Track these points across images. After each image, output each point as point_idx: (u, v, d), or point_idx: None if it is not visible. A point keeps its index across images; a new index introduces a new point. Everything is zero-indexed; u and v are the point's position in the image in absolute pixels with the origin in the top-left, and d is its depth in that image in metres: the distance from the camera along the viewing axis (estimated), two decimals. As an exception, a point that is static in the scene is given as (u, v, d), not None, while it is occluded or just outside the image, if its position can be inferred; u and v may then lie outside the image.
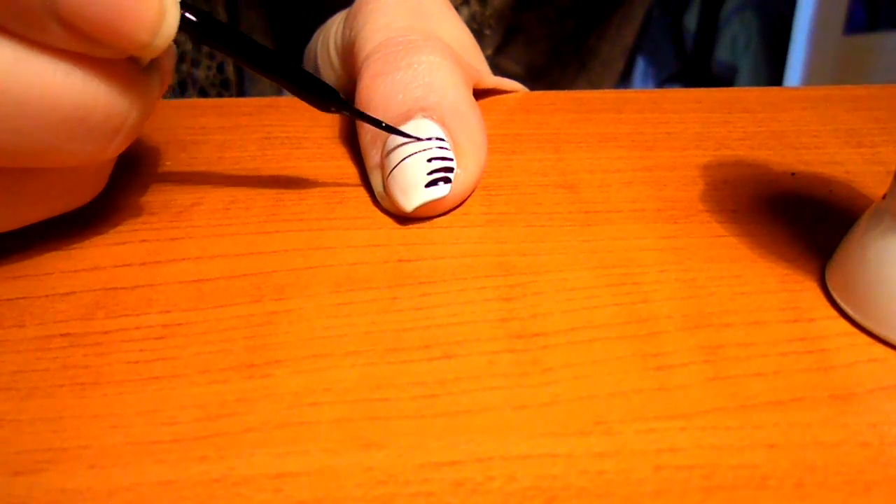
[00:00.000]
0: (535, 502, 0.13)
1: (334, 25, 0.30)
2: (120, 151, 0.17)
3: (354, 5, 0.26)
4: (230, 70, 0.41)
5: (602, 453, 0.13)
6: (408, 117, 0.21)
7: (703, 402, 0.15)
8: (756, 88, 0.29)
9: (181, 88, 0.39)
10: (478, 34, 0.40)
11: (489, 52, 0.41)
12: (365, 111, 0.21)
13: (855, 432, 0.14)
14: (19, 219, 0.18)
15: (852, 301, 0.17)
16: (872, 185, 0.22)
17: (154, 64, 0.17)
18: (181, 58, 0.39)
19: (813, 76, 1.11)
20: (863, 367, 0.15)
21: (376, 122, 0.20)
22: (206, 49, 0.40)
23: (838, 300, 0.17)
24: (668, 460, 0.13)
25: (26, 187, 0.17)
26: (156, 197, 0.22)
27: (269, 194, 0.22)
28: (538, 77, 0.44)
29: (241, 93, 0.42)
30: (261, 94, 0.43)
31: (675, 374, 0.15)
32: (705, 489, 0.13)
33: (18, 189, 0.17)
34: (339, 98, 0.20)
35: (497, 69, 0.41)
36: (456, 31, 0.27)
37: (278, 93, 0.43)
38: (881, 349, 0.16)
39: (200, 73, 0.40)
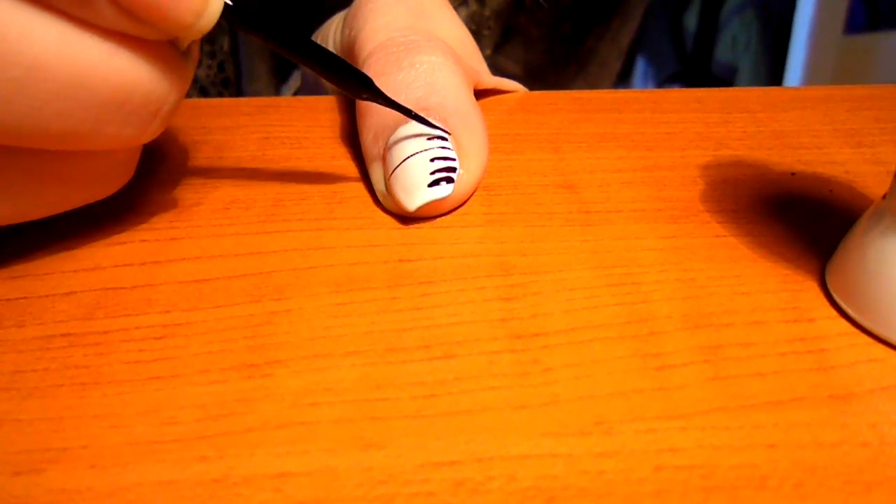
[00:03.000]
0: (535, 502, 0.13)
1: (333, 25, 0.30)
2: (155, 136, 0.17)
3: (354, 5, 0.26)
4: (230, 69, 0.41)
5: (602, 453, 0.13)
6: (410, 117, 0.21)
7: (703, 402, 0.15)
8: (756, 88, 0.29)
9: (182, 88, 0.39)
10: (476, 34, 0.40)
11: (488, 51, 0.41)
12: (367, 111, 0.21)
13: (855, 432, 0.14)
14: (48, 206, 0.18)
15: (852, 301, 0.17)
16: (872, 185, 0.22)
17: (189, 49, 0.18)
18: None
19: (813, 76, 1.11)
20: (863, 367, 0.15)
21: (405, 111, 0.20)
22: (206, 47, 0.40)
23: (838, 300, 0.17)
24: (668, 460, 0.13)
25: (59, 172, 0.17)
26: (156, 197, 0.22)
27: (269, 194, 0.22)
28: (536, 77, 0.44)
29: (240, 91, 0.42)
30: (258, 92, 0.43)
31: (675, 374, 0.15)
32: (705, 489, 0.13)
33: (51, 174, 0.17)
34: (372, 85, 0.20)
35: (496, 69, 0.42)
36: (455, 31, 0.27)
37: (277, 92, 0.43)
38: (881, 349, 0.16)
39: (201, 73, 0.40)
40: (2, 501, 0.13)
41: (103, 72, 0.15)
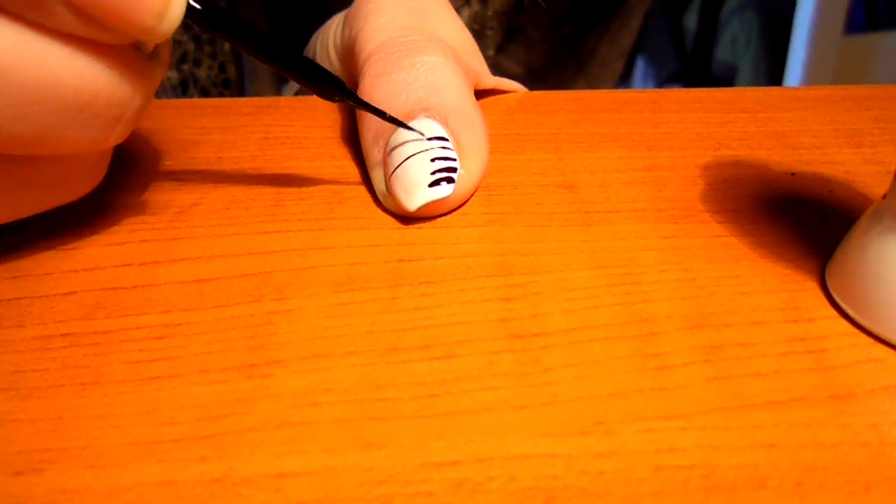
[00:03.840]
0: (535, 502, 0.13)
1: (333, 25, 0.30)
2: (121, 140, 0.17)
3: (354, 5, 0.26)
4: (231, 69, 0.41)
5: (602, 453, 0.13)
6: (410, 117, 0.21)
7: (703, 402, 0.15)
8: (756, 88, 0.29)
9: (183, 88, 0.39)
10: (479, 34, 0.40)
11: (490, 52, 0.41)
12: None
13: (855, 432, 0.14)
14: (16, 210, 0.18)
15: (852, 301, 0.17)
16: (872, 185, 0.22)
17: (155, 52, 0.17)
18: (183, 57, 0.39)
19: (813, 76, 1.11)
20: (863, 367, 0.15)
21: (380, 113, 0.20)
22: (207, 48, 0.40)
23: (838, 300, 0.17)
24: (668, 460, 0.13)
25: (24, 176, 0.17)
26: (156, 197, 0.22)
27: (269, 194, 0.22)
28: (537, 77, 0.44)
29: (241, 92, 0.42)
30: (259, 93, 0.43)
31: (675, 374, 0.15)
32: (705, 489, 0.13)
33: (16, 178, 0.17)
34: (343, 87, 0.19)
35: (498, 69, 0.42)
36: (456, 31, 0.27)
37: (278, 93, 0.43)
38: (881, 349, 0.16)
39: (202, 73, 0.40)
40: (2, 501, 0.13)
41: (63, 76, 0.15)
